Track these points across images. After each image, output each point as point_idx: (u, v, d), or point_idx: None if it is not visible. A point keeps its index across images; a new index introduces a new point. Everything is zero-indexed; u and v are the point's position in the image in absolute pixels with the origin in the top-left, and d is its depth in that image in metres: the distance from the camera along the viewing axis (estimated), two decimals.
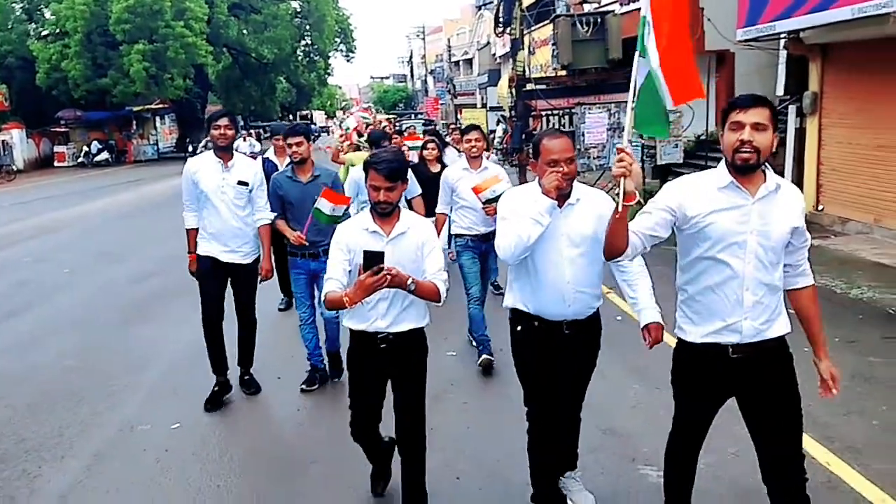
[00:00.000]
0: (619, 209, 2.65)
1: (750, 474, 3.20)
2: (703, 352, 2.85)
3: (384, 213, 3.36)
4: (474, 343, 6.02)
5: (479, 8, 47.53)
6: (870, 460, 3.98)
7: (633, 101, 2.95)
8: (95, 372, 6.05)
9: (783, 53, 12.56)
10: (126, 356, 6.45)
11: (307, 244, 5.12)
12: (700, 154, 14.88)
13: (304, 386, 5.46)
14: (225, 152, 5.04)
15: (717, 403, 2.98)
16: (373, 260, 3.05)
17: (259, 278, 5.30)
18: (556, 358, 3.34)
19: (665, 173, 13.27)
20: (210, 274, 5.14)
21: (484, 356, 5.69)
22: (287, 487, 4.09)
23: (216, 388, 5.22)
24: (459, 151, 10.36)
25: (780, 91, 12.77)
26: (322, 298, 3.35)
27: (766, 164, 2.73)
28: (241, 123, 55.61)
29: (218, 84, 47.71)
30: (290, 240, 5.23)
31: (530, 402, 3.46)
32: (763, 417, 2.83)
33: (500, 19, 17.52)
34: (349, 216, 4.36)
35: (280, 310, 7.60)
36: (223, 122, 4.97)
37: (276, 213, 5.28)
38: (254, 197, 5.12)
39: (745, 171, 2.66)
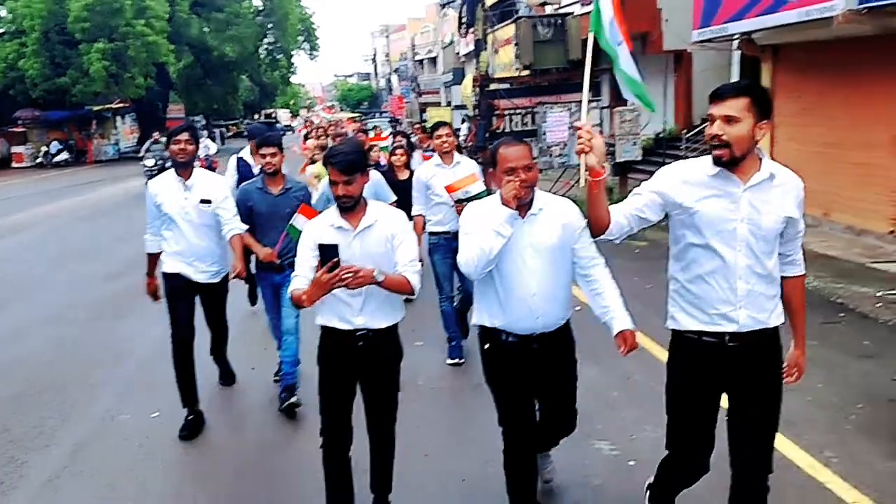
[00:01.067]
0: (583, 184, 2.69)
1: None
2: (699, 341, 2.81)
3: (346, 206, 3.29)
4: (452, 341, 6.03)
5: (443, 6, 47.73)
6: (802, 432, 4.33)
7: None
8: (74, 366, 6.21)
9: (737, 54, 13.05)
10: (102, 351, 6.61)
11: (277, 262, 4.93)
12: (658, 151, 15.32)
13: (276, 377, 5.45)
14: (184, 168, 4.75)
15: (713, 400, 2.90)
16: (328, 253, 3.02)
17: (231, 277, 4.92)
18: (530, 374, 3.26)
19: (625, 171, 13.67)
20: (179, 294, 4.84)
21: (452, 359, 5.91)
22: (266, 468, 4.31)
23: (190, 418, 4.87)
24: (426, 150, 10.58)
25: None
26: (288, 296, 3.34)
27: (761, 151, 2.71)
28: (203, 123, 55.31)
29: (179, 83, 47.26)
30: (258, 256, 5.03)
31: (505, 422, 3.35)
32: (746, 410, 2.82)
33: (464, 19, 17.79)
34: None
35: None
36: (183, 136, 4.69)
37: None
38: (220, 211, 4.76)
39: (716, 162, 2.64)
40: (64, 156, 36.46)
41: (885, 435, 4.31)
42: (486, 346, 3.33)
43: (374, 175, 6.16)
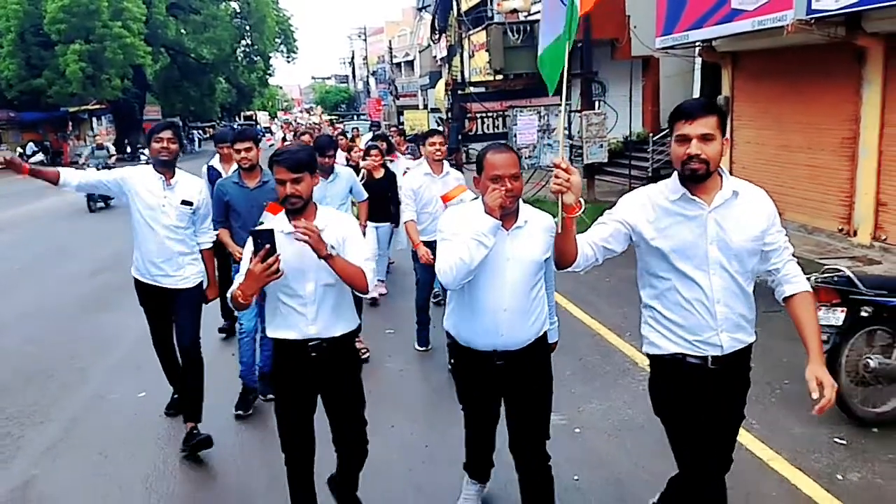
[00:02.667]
0: (561, 224, 2.57)
1: None
2: (684, 362, 2.75)
3: (295, 208, 3.14)
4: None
5: (420, 10, 48.11)
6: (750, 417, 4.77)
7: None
8: (62, 353, 6.55)
9: (698, 60, 13.59)
10: (89, 340, 6.96)
11: None
12: (626, 154, 15.85)
13: (239, 412, 5.10)
14: (167, 168, 4.49)
15: (704, 413, 2.79)
16: (263, 239, 2.83)
17: (205, 301, 4.79)
18: (499, 391, 3.20)
19: (592, 172, 14.18)
20: (150, 302, 4.69)
21: (421, 347, 6.17)
22: (245, 436, 4.74)
23: (176, 396, 4.96)
24: (406, 154, 10.83)
25: (696, 94, 13.80)
26: (228, 297, 3.13)
27: (722, 169, 2.68)
28: (180, 124, 55.09)
29: (156, 84, 47.17)
30: (233, 255, 4.92)
31: (469, 427, 3.47)
32: (714, 427, 2.80)
33: (437, 26, 18.21)
34: None
35: (220, 330, 6.90)
36: (166, 134, 4.45)
37: (219, 221, 4.98)
38: (198, 218, 4.63)
39: (696, 180, 2.58)
40: (39, 157, 36.25)
41: (803, 406, 4.75)
42: (452, 360, 3.30)
43: (348, 171, 6.33)
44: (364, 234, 6.10)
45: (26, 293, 9.15)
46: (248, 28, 46.82)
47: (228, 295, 3.10)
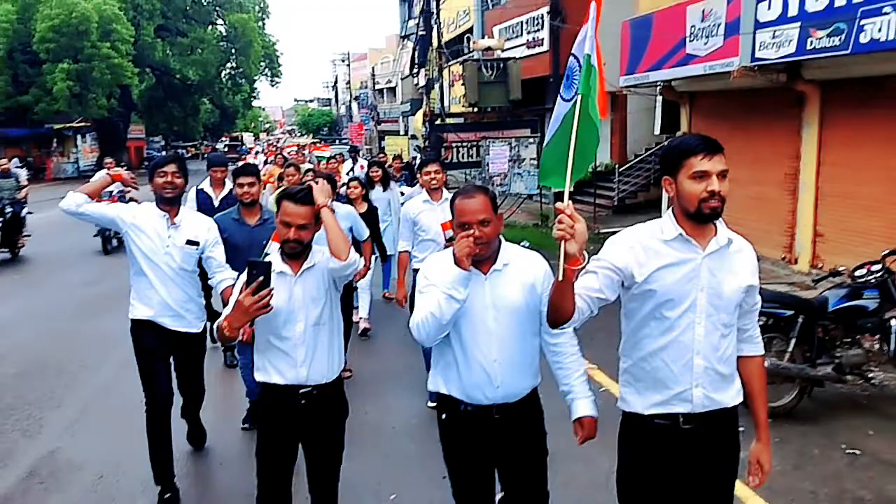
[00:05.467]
0: (562, 275, 2.30)
1: None
2: (652, 424, 2.57)
3: (293, 253, 3.07)
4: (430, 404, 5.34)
5: (403, 38, 49.12)
6: None
7: (545, 144, 2.74)
8: (69, 351, 7.25)
9: (659, 98, 14.57)
10: (93, 340, 7.64)
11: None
12: (595, 184, 16.73)
13: (245, 425, 5.17)
14: (171, 205, 4.16)
15: (671, 486, 2.60)
16: (257, 271, 2.72)
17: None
18: (491, 450, 2.91)
19: (560, 200, 15.05)
20: (154, 351, 4.23)
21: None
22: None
23: (167, 497, 4.24)
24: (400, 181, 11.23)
25: (657, 130, 14.74)
26: (214, 328, 3.02)
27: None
28: (162, 144, 55.50)
29: (141, 104, 47.74)
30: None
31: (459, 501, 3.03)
32: (701, 494, 2.61)
33: (416, 60, 19.15)
34: None
35: (228, 366, 6.75)
36: (170, 168, 4.11)
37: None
38: (207, 258, 4.26)
39: (709, 219, 2.42)
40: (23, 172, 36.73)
41: None
42: (443, 416, 2.97)
43: (348, 209, 6.21)
44: (364, 275, 6.53)
45: (28, 299, 9.82)
46: (233, 51, 47.50)
47: (215, 326, 2.96)
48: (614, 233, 2.69)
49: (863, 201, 9.70)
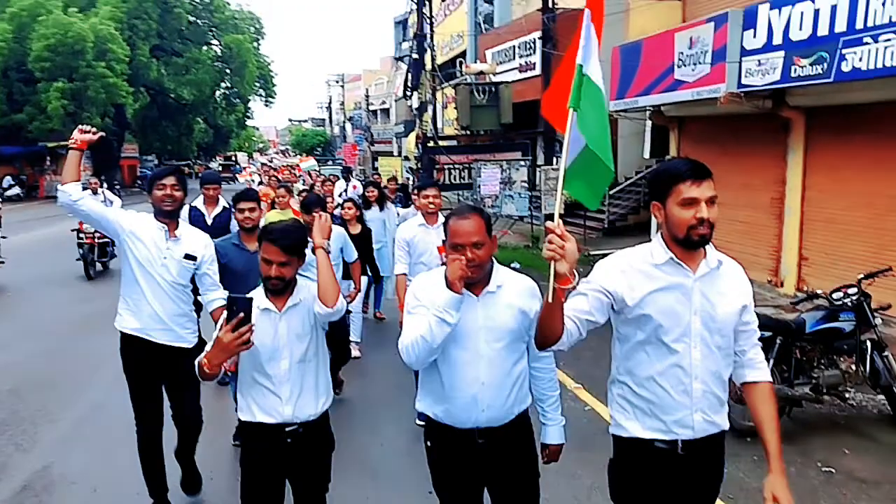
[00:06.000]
0: (551, 295, 2.30)
1: None
2: (649, 450, 2.53)
3: (276, 289, 3.03)
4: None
5: (398, 60, 49.52)
6: None
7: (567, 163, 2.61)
8: (62, 368, 7.33)
9: (649, 123, 14.82)
10: (85, 357, 7.68)
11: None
12: (582, 206, 16.91)
13: (236, 442, 5.06)
14: (170, 219, 4.09)
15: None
16: (239, 306, 2.67)
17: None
18: (479, 473, 2.88)
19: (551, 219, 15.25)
20: (142, 368, 4.14)
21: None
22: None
23: None
24: (396, 203, 11.33)
25: (647, 154, 14.98)
26: (196, 368, 2.92)
27: None
28: (156, 163, 55.47)
29: (135, 123, 47.90)
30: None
31: None
32: None
33: (409, 84, 19.41)
34: None
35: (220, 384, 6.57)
36: (169, 181, 4.05)
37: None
38: (202, 274, 4.19)
39: (698, 246, 2.41)
40: (15, 190, 36.82)
41: None
42: (428, 442, 2.94)
43: (339, 230, 6.13)
44: (356, 297, 6.47)
45: (23, 316, 9.89)
46: (228, 72, 47.69)
47: (196, 363, 2.89)
48: (604, 255, 2.71)
49: (846, 226, 9.90)
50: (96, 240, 12.59)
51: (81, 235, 12.69)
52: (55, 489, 4.73)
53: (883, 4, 7.78)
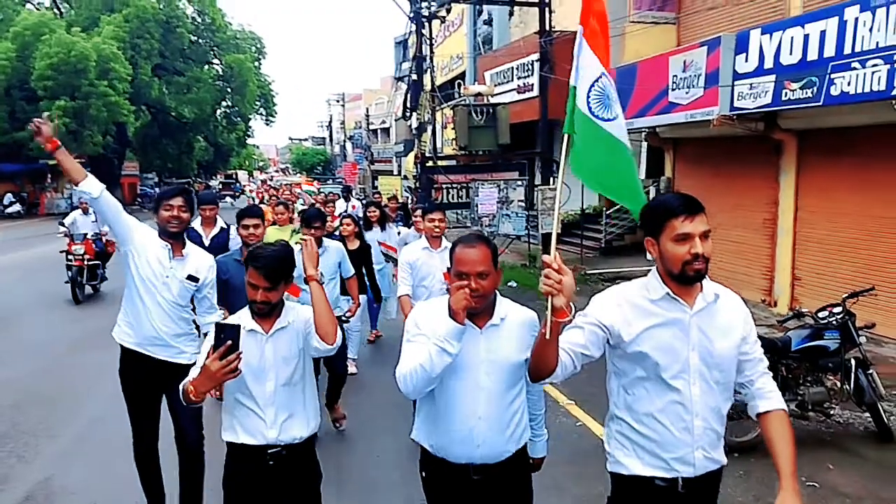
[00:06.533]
0: (549, 329, 2.29)
1: None
2: (649, 488, 2.50)
3: (262, 313, 3.03)
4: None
5: (398, 80, 49.78)
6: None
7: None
8: (61, 383, 7.45)
9: (644, 144, 15.00)
10: (83, 374, 7.79)
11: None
12: (583, 225, 17.06)
13: None
14: (176, 240, 4.05)
15: None
16: (226, 334, 2.64)
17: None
18: None
19: (547, 241, 15.39)
20: (140, 386, 4.12)
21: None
22: None
23: None
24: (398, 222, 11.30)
25: (642, 175, 15.16)
26: (181, 392, 2.85)
27: None
28: (156, 181, 55.67)
29: (136, 141, 48.15)
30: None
31: None
32: None
33: (408, 105, 19.63)
34: None
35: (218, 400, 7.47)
36: (176, 201, 3.99)
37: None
38: (202, 297, 4.18)
39: (694, 281, 2.39)
40: (16, 207, 37.10)
41: None
42: (423, 473, 2.90)
43: (337, 245, 6.16)
44: (355, 312, 6.42)
45: (21, 333, 9.97)
46: (229, 91, 48.01)
47: (180, 388, 2.83)
48: (600, 274, 2.80)
49: (837, 246, 10.06)
50: (86, 262, 12.16)
51: (70, 257, 12.12)
52: (56, 499, 4.84)
53: (870, 31, 7.98)
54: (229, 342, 2.62)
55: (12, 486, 5.02)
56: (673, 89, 11.45)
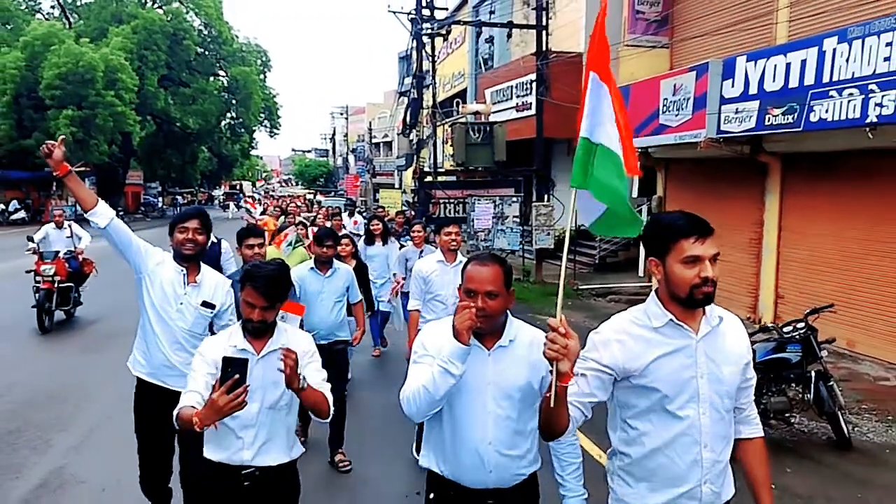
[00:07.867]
0: (554, 395, 2.18)
1: None
2: None
3: (256, 332, 3.01)
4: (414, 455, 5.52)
5: (401, 94, 50.20)
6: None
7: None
8: (72, 383, 7.79)
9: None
10: (94, 373, 8.15)
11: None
12: (578, 241, 17.43)
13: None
14: (192, 262, 3.90)
15: None
16: (234, 368, 2.62)
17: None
18: None
19: (541, 256, 15.80)
20: (155, 418, 3.82)
21: None
22: None
23: None
24: (401, 236, 11.42)
25: (635, 193, 15.54)
26: (174, 416, 2.79)
27: None
28: (159, 190, 56.04)
29: (140, 150, 48.71)
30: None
31: None
32: None
33: (408, 121, 20.09)
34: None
35: None
36: (192, 224, 3.85)
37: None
38: (222, 324, 3.92)
39: (701, 305, 2.28)
40: (21, 214, 37.49)
41: None
42: (431, 495, 2.79)
43: (346, 268, 6.03)
44: (360, 339, 6.27)
45: (33, 336, 10.28)
46: (234, 102, 48.72)
47: (175, 413, 2.77)
48: (593, 290, 2.81)
49: (818, 266, 10.45)
50: (56, 284, 10.38)
51: (38, 278, 10.40)
52: (68, 486, 5.19)
53: (846, 61, 8.41)
54: (237, 376, 2.58)
55: (28, 474, 5.36)
56: (664, 112, 11.88)
